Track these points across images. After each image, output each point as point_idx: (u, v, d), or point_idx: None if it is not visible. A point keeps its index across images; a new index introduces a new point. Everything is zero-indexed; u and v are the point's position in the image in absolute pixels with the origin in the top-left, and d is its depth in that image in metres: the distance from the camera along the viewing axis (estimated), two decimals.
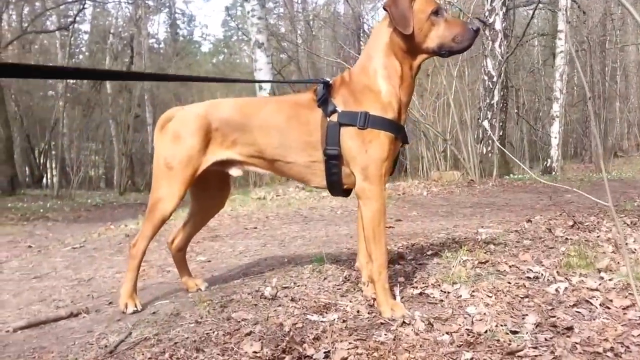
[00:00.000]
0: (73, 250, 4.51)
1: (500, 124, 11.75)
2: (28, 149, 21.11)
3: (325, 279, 2.46)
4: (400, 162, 16.30)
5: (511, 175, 11.89)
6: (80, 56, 25.03)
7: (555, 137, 15.00)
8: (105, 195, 17.04)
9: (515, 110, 17.27)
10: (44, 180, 22.19)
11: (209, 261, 3.47)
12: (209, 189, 2.36)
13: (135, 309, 2.20)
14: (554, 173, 13.84)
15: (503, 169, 11.82)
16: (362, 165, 1.91)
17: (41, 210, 10.54)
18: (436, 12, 1.90)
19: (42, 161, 22.63)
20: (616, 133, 20.63)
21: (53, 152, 21.30)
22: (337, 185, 2.03)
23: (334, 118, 1.94)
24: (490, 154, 11.06)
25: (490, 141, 11.26)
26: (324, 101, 1.98)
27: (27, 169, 21.93)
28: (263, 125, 2.07)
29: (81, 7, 18.19)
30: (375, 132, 1.89)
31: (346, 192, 2.09)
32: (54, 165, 20.49)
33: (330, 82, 2.04)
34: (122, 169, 20.21)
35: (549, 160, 15.03)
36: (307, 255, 3.15)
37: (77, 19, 19.81)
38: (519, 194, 7.76)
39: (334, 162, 1.96)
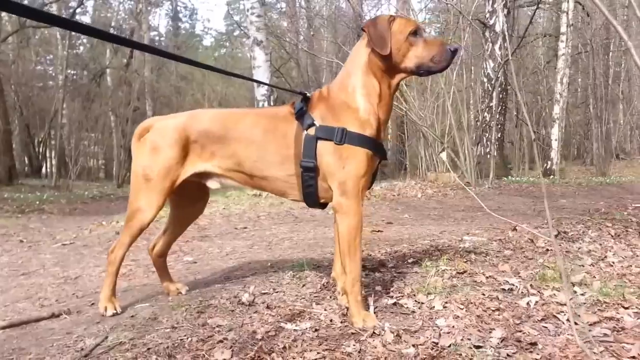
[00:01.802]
0: (63, 247, 4.55)
1: (499, 126, 11.74)
2: (27, 139, 21.16)
3: (304, 285, 2.48)
4: (400, 160, 16.30)
5: (509, 177, 11.90)
6: (81, 47, 25.03)
7: (556, 140, 15.00)
8: (103, 187, 17.12)
9: (515, 113, 17.22)
10: (43, 169, 22.26)
11: (195, 262, 3.50)
12: (188, 197, 2.37)
13: (115, 311, 2.24)
14: (552, 176, 13.84)
15: (502, 170, 11.79)
16: (339, 181, 1.93)
17: (37, 202, 10.55)
18: (415, 33, 1.92)
19: (41, 151, 22.68)
20: (619, 135, 20.61)
21: (52, 142, 21.34)
22: (313, 198, 2.05)
23: (311, 132, 1.96)
24: (487, 156, 11.03)
25: (488, 142, 11.25)
26: (301, 114, 2.00)
27: (26, 158, 21.99)
28: (241, 138, 2.07)
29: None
30: (352, 149, 1.91)
31: (322, 205, 2.11)
32: (53, 155, 20.54)
33: (309, 95, 2.06)
34: (121, 161, 20.25)
35: (549, 163, 15.05)
36: (291, 260, 3.18)
37: (78, 10, 19.79)
38: (513, 198, 7.78)
39: (309, 174, 1.98)
